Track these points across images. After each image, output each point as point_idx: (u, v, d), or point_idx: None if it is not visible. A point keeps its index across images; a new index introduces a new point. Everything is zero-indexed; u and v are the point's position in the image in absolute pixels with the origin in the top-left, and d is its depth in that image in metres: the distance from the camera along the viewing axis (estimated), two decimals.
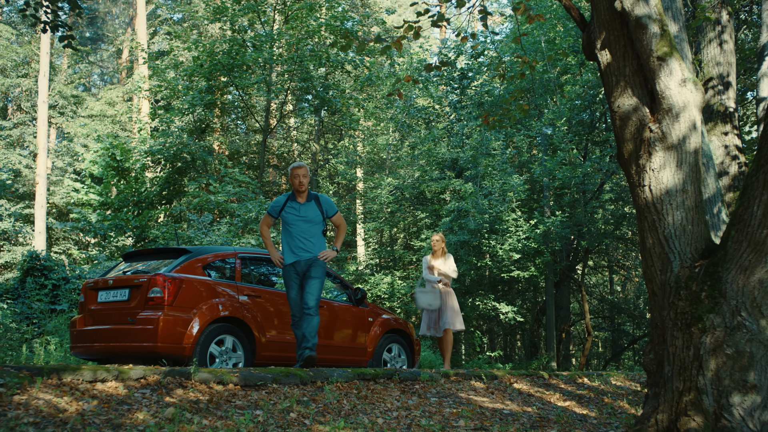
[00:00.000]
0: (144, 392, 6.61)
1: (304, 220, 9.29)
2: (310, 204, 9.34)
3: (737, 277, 5.90)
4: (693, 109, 6.30)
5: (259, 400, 7.06)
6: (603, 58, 6.74)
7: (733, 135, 9.23)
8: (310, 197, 9.35)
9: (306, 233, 9.27)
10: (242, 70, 22.86)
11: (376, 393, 8.17)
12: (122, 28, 43.46)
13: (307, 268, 9.18)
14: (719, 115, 9.19)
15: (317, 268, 9.18)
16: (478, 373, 9.86)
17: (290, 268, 9.22)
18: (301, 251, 9.23)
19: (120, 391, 6.50)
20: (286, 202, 9.35)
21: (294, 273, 9.20)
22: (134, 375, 6.91)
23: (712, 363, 5.89)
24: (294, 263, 9.21)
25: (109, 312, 9.58)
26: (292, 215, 9.28)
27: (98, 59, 44.00)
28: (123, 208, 22.61)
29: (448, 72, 26.76)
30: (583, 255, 26.71)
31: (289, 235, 9.31)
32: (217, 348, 9.44)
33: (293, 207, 9.30)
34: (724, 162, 9.16)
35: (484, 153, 22.23)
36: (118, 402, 6.19)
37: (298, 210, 9.28)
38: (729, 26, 9.15)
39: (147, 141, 24.33)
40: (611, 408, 8.84)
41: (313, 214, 9.33)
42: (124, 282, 9.63)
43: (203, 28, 30.46)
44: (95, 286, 9.90)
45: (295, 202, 9.32)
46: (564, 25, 23.81)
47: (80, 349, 9.76)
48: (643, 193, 6.42)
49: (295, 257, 9.21)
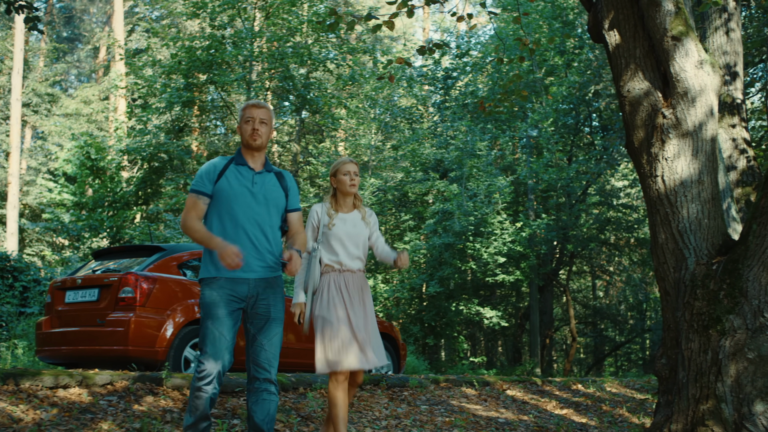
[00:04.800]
0: (110, 399, 6.06)
1: (261, 200, 4.98)
2: (270, 177, 5.06)
3: (760, 274, 5.42)
4: (710, 94, 5.83)
5: (237, 408, 6.52)
6: (611, 39, 6.25)
7: (741, 128, 8.80)
8: (270, 168, 5.10)
9: (262, 223, 4.97)
10: (222, 68, 22.35)
11: (363, 400, 7.65)
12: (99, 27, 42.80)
13: (262, 297, 4.92)
14: (726, 106, 8.76)
15: (279, 298, 5.01)
16: (470, 380, 9.37)
17: (225, 287, 4.83)
18: (253, 259, 4.89)
19: (84, 398, 5.94)
20: (227, 167, 5.00)
21: (231, 297, 4.83)
22: (100, 381, 6.35)
23: (732, 368, 5.40)
24: (234, 281, 4.85)
25: (77, 313, 9.00)
26: (238, 188, 4.94)
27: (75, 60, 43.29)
28: (98, 208, 22.03)
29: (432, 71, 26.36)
30: (568, 259, 26.36)
31: (228, 225, 4.94)
32: (193, 352, 8.89)
33: (242, 175, 4.98)
34: (732, 156, 8.72)
35: (470, 154, 21.77)
36: (81, 410, 5.63)
37: (250, 181, 4.98)
38: (736, 14, 8.73)
39: (123, 140, 23.77)
40: (611, 416, 8.35)
41: (275, 193, 5.04)
42: (93, 281, 9.06)
43: (182, 25, 29.91)
44: (63, 286, 9.32)
45: (244, 168, 5.00)
46: (550, 25, 23.42)
47: (46, 353, 9.17)
48: (656, 185, 5.93)
49: (241, 271, 4.83)
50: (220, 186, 4.94)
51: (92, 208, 22.09)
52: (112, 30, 33.57)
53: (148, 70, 24.27)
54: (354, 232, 5.62)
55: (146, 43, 27.94)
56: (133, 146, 22.77)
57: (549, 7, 23.96)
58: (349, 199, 5.67)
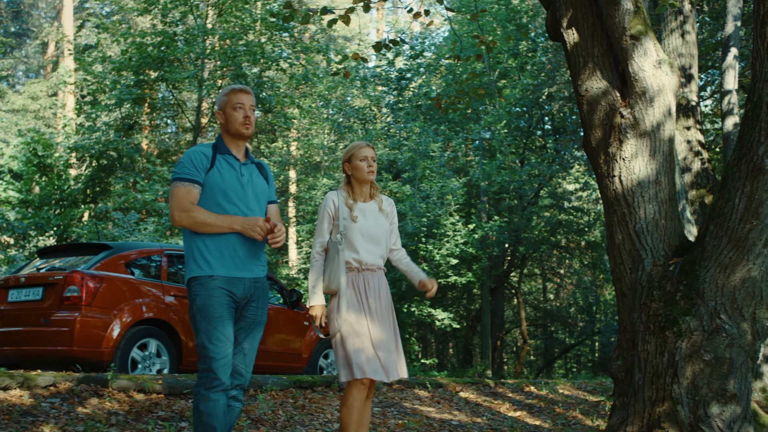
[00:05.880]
0: (53, 402, 5.85)
1: (250, 192, 4.57)
2: (253, 168, 4.68)
3: (716, 276, 5.38)
4: (668, 94, 5.79)
5: (185, 410, 6.34)
6: (569, 37, 6.18)
7: (696, 130, 8.82)
8: (252, 159, 4.72)
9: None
10: (173, 66, 22.05)
11: (315, 402, 7.51)
12: (48, 22, 42.07)
13: (253, 299, 4.54)
14: (681, 108, 8.77)
15: (266, 301, 4.66)
16: (422, 381, 9.27)
17: (222, 287, 4.37)
18: (250, 257, 4.51)
19: (25, 400, 5.72)
20: (215, 156, 4.54)
21: (228, 298, 4.39)
22: (42, 382, 6.13)
23: (688, 370, 5.36)
24: (231, 280, 4.41)
25: (21, 313, 8.76)
26: (230, 180, 4.50)
27: (23, 55, 42.54)
28: (44, 206, 21.59)
29: (386, 72, 26.29)
30: (520, 261, 26.46)
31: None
32: (140, 353, 8.70)
33: (231, 166, 4.54)
34: (687, 158, 8.73)
35: (423, 155, 21.73)
36: (21, 413, 5.42)
37: (238, 172, 4.55)
38: (691, 16, 8.76)
39: (71, 137, 23.35)
40: (565, 418, 8.31)
41: (261, 185, 4.67)
42: (37, 280, 8.83)
43: (133, 21, 29.48)
44: (5, 285, 9.06)
45: (231, 158, 4.57)
46: (504, 27, 23.49)
47: None
48: (613, 185, 5.87)
49: (237, 270, 4.45)
50: (211, 178, 4.44)
51: (39, 206, 21.67)
52: (61, 25, 33.05)
53: (97, 66, 23.90)
54: (375, 225, 5.03)
55: (96, 38, 27.53)
56: (82, 143, 22.39)
57: (503, 10, 24.06)
58: (366, 187, 5.08)
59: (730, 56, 9.01)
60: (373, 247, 4.98)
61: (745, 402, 5.36)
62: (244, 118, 4.52)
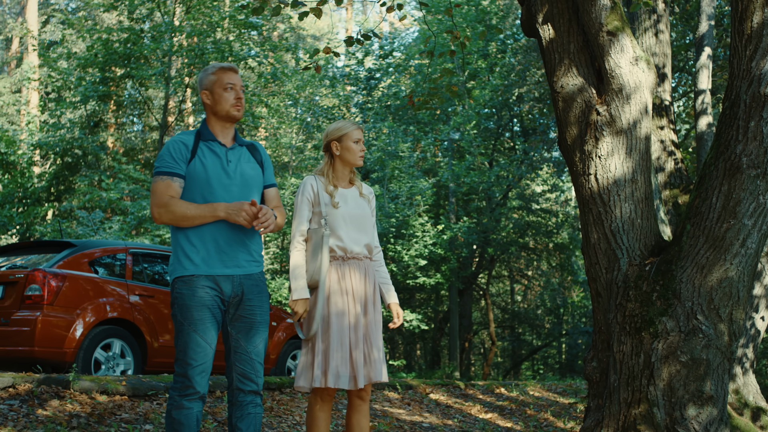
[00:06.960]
0: (12, 404, 5.65)
1: (238, 180, 4.23)
2: (243, 152, 4.33)
3: (693, 276, 5.30)
4: (645, 91, 5.70)
5: (150, 413, 6.16)
6: (545, 33, 6.08)
7: (669, 129, 8.78)
8: (242, 142, 4.38)
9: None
10: (140, 62, 21.77)
11: (283, 404, 7.35)
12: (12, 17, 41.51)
13: (247, 297, 4.19)
14: (655, 108, 8.71)
15: (265, 299, 4.28)
16: (392, 383, 9.14)
17: (207, 286, 4.06)
18: (238, 252, 4.19)
19: None
20: (197, 145, 4.21)
21: (214, 298, 4.09)
22: (1, 383, 5.92)
23: (664, 371, 5.27)
24: (217, 278, 4.11)
25: None
26: (213, 171, 4.17)
27: None
28: (6, 204, 21.23)
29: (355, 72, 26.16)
30: (488, 263, 26.43)
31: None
32: (104, 353, 8.50)
33: (214, 154, 4.21)
34: (660, 158, 8.68)
35: (392, 155, 21.62)
36: None
37: (224, 159, 4.22)
38: (665, 16, 8.71)
39: (35, 134, 22.99)
40: (536, 421, 8.22)
41: (252, 171, 4.31)
42: None
43: (99, 17, 29.13)
44: None
45: (215, 144, 4.23)
46: (474, 28, 23.43)
47: None
48: (588, 183, 5.78)
49: (224, 266, 4.14)
50: (192, 169, 4.11)
51: (1, 204, 21.31)
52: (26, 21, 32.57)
53: (62, 62, 23.58)
54: (358, 211, 4.72)
55: (61, 34, 27.17)
56: (46, 141, 22.07)
57: (473, 11, 24.03)
58: (347, 171, 4.76)
59: (704, 56, 8.97)
60: (357, 234, 4.70)
61: (722, 404, 5.29)
62: (236, 100, 4.21)
